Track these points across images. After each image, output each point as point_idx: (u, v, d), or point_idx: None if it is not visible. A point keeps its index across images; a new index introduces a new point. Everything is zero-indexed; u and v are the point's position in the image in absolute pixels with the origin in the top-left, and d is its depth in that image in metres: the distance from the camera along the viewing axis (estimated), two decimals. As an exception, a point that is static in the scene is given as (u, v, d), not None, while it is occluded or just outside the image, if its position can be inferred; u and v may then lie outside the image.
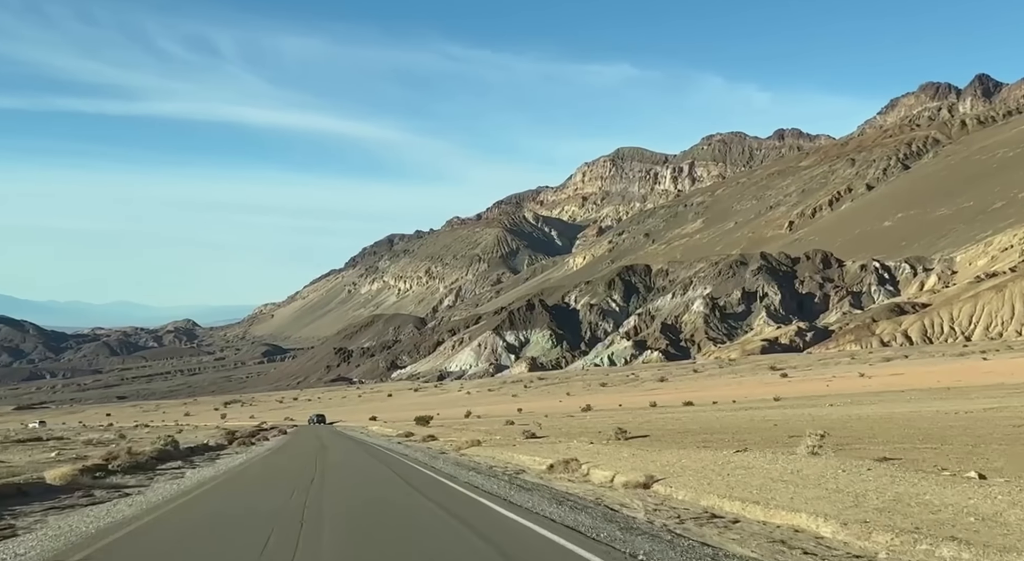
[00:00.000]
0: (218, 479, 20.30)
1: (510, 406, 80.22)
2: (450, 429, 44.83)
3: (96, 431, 57.54)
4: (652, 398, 71.43)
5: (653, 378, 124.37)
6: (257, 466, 25.46)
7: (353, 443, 39.74)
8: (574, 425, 39.95)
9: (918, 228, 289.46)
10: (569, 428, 36.89)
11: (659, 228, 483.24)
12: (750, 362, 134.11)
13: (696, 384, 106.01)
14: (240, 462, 27.75)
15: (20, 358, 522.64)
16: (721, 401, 59.71)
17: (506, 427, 42.74)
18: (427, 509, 12.62)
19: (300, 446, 38.26)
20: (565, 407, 70.33)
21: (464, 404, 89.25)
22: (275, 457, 30.04)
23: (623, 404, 65.65)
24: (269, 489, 16.71)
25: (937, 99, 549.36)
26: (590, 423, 40.52)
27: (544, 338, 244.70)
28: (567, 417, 51.69)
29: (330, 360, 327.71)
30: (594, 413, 57.18)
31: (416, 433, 44.04)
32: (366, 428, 63.42)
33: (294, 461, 26.69)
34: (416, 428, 49.85)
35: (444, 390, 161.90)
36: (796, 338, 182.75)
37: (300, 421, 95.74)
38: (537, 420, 47.66)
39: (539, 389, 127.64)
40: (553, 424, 42.16)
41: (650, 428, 30.71)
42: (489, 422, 51.82)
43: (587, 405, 64.91)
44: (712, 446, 20.00)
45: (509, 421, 47.64)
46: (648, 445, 21.78)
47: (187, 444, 36.64)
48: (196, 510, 13.77)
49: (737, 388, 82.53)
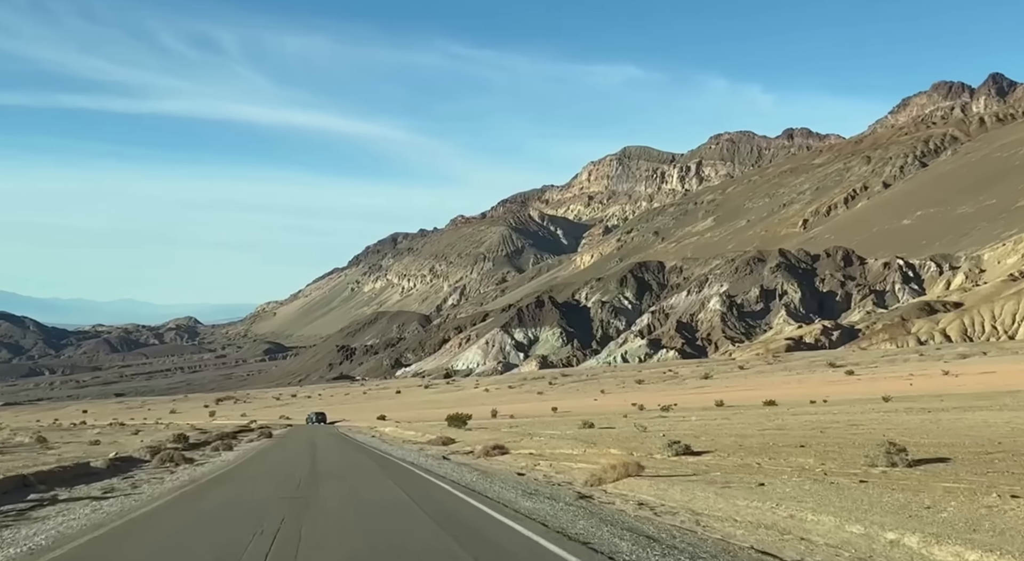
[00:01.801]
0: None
1: (539, 405, 71.98)
2: (506, 434, 32.32)
3: (27, 432, 48.04)
4: (709, 396, 62.90)
5: (695, 375, 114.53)
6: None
7: (368, 459, 26.28)
8: (687, 430, 28.00)
9: (939, 226, 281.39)
10: (707, 434, 25.53)
11: (669, 226, 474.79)
12: (802, 359, 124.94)
13: (748, 381, 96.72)
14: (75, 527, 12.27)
15: (20, 354, 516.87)
16: (794, 401, 51.43)
17: (585, 431, 30.68)
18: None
19: (275, 464, 25.21)
20: (610, 406, 61.33)
21: (484, 402, 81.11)
22: (176, 512, 14.08)
23: (679, 403, 57.45)
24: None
25: (950, 98, 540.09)
26: (707, 427, 28.89)
27: (554, 336, 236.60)
28: (637, 418, 40.25)
29: (332, 358, 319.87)
30: (666, 413, 47.11)
31: (460, 440, 32.24)
32: (377, 430, 52.08)
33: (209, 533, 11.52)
34: (453, 432, 38.27)
35: (459, 387, 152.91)
36: (822, 337, 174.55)
37: (297, 420, 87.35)
38: (612, 423, 36.33)
39: (565, 386, 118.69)
40: (663, 427, 29.85)
41: (823, 439, 20.96)
42: (544, 425, 40.37)
43: (638, 404, 56.63)
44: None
45: (586, 423, 34.80)
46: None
47: (107, 456, 24.14)
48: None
49: (799, 386, 73.89)
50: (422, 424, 50.34)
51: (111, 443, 34.16)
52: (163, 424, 72.64)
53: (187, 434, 41.15)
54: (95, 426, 67.71)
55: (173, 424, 70.60)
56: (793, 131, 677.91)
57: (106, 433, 48.16)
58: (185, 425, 65.29)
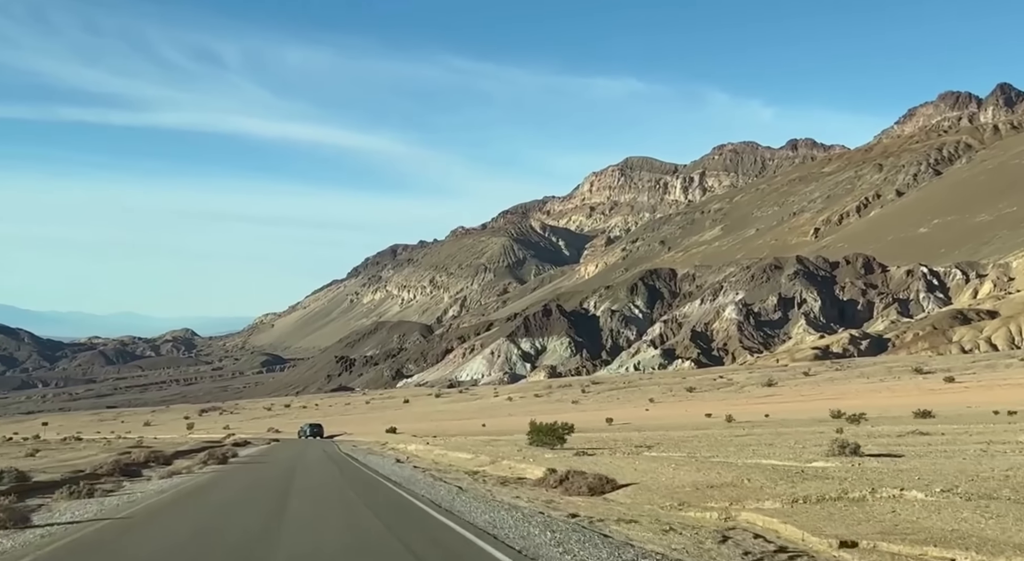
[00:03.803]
0: None
1: (583, 415, 62.46)
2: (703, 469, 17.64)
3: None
4: (799, 405, 53.36)
5: (754, 382, 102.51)
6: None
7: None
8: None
9: (958, 234, 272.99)
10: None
11: (675, 235, 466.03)
12: (877, 365, 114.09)
13: (824, 389, 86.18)
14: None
15: (13, 367, 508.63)
16: (901, 411, 42.06)
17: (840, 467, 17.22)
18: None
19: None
20: (686, 415, 51.22)
21: (511, 412, 71.66)
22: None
23: (771, 414, 48.13)
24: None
25: (958, 108, 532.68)
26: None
27: (562, 346, 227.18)
28: (810, 430, 27.13)
29: (331, 369, 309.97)
30: (787, 427, 36.17)
31: (634, 480, 16.59)
32: (394, 448, 39.21)
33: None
34: (557, 458, 22.50)
35: (475, 396, 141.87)
36: (850, 346, 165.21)
37: (288, 433, 75.80)
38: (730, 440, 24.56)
39: (602, 394, 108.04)
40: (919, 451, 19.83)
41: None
42: (661, 441, 28.96)
43: (725, 415, 46.74)
44: None
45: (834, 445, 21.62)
46: None
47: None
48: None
49: (893, 395, 64.12)
50: (460, 440, 36.73)
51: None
52: (120, 439, 63.24)
53: (116, 457, 31.22)
54: (46, 441, 58.45)
55: (131, 439, 61.08)
56: (797, 142, 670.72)
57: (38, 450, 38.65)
58: (146, 440, 55.80)
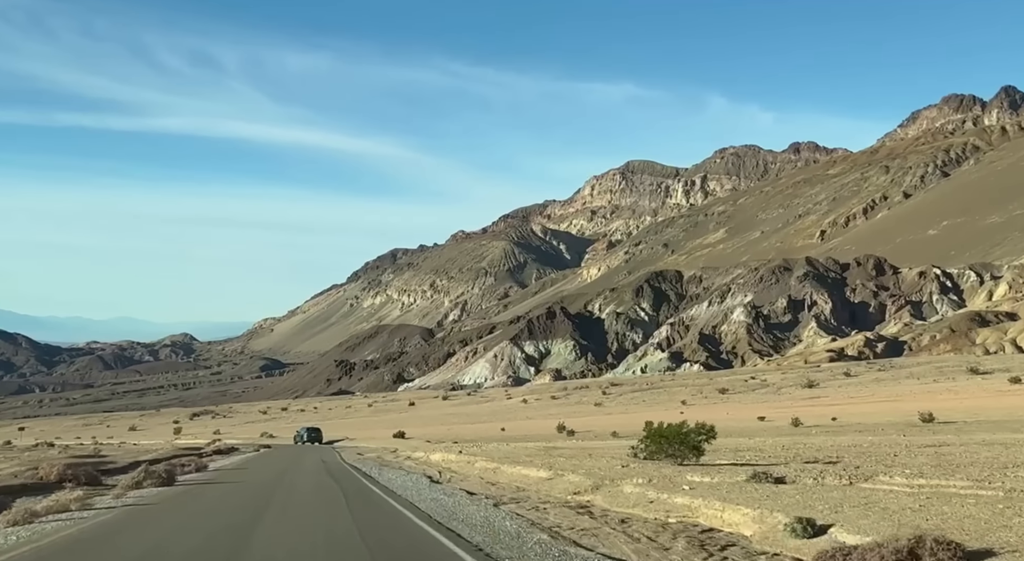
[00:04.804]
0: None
1: (610, 419, 57.66)
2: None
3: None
4: (845, 408, 48.48)
5: (792, 384, 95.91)
6: None
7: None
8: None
9: (968, 236, 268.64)
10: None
11: (678, 238, 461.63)
12: (923, 365, 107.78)
13: (873, 391, 79.44)
14: None
15: (11, 372, 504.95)
16: (992, 418, 36.80)
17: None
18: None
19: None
20: (725, 420, 45.55)
21: (528, 415, 66.77)
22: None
23: (838, 418, 43.28)
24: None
25: (962, 111, 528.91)
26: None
27: (567, 349, 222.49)
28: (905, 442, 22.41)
29: (331, 373, 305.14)
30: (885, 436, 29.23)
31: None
32: (407, 456, 34.21)
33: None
34: (713, 487, 14.98)
35: (485, 398, 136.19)
36: (865, 349, 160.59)
37: (283, 438, 70.04)
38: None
39: (625, 396, 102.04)
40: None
41: None
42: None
43: (791, 418, 41.22)
44: None
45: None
46: None
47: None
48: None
49: (957, 398, 58.41)
50: (501, 448, 28.83)
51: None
52: (94, 445, 58.78)
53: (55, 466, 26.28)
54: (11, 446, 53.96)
55: (108, 444, 56.57)
56: (800, 145, 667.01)
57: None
58: (117, 446, 51.29)
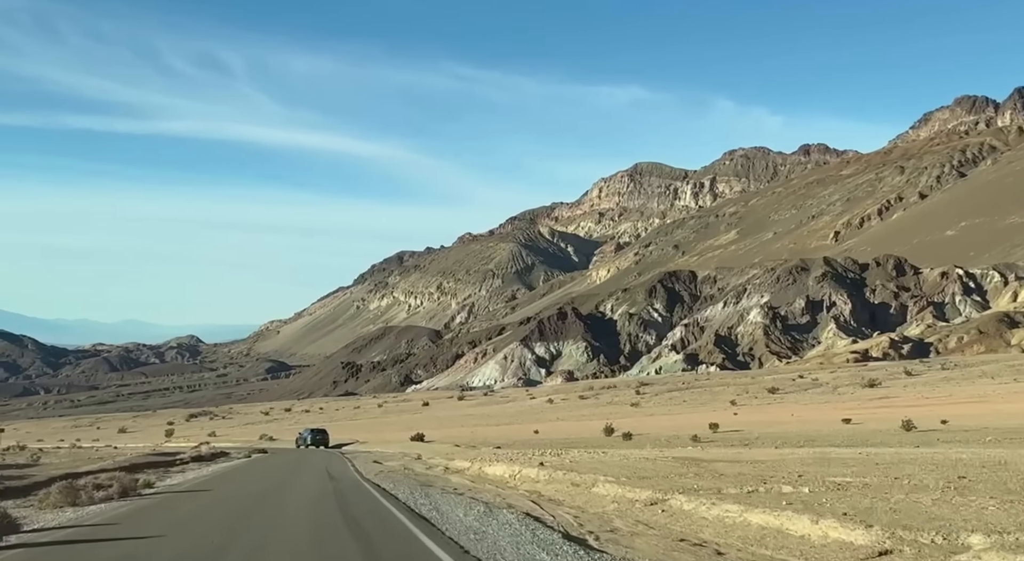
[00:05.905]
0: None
1: (656, 421, 53.10)
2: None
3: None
4: (935, 410, 43.18)
5: (848, 383, 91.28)
6: None
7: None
8: None
9: (987, 237, 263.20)
10: None
11: (689, 239, 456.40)
12: (990, 363, 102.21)
13: (949, 391, 74.17)
14: None
15: (17, 374, 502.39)
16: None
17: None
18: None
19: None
20: (792, 423, 39.91)
21: (558, 416, 61.85)
22: None
23: (948, 421, 38.12)
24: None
25: (975, 113, 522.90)
26: None
27: (579, 350, 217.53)
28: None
29: (337, 375, 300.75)
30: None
31: None
32: (441, 464, 29.82)
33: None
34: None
35: (506, 398, 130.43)
36: (890, 350, 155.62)
37: (285, 441, 64.60)
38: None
39: (662, 396, 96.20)
40: None
41: None
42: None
43: (900, 424, 35.60)
44: None
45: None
46: None
47: None
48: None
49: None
50: (582, 457, 23.12)
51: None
52: (73, 448, 54.69)
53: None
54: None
55: (87, 448, 52.52)
56: (810, 147, 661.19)
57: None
58: (75, 451, 47.21)
